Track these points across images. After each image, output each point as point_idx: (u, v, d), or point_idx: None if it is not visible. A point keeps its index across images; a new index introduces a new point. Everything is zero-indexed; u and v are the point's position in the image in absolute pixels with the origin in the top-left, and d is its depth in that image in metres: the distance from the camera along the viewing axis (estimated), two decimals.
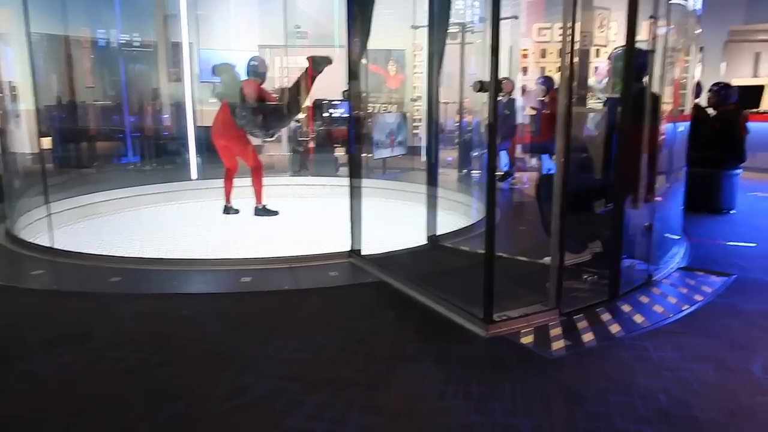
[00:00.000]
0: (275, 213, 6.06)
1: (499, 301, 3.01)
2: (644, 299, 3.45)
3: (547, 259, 3.82)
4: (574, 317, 3.14)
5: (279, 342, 2.83)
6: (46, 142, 7.39)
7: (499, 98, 4.88)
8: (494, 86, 2.89)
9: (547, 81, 7.35)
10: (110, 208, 6.16)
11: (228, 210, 6.10)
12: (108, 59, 8.56)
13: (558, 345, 2.81)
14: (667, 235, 4.75)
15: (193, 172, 7.65)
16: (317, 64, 6.06)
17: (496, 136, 3.11)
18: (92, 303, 3.37)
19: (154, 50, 9.08)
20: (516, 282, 3.70)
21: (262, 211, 6.03)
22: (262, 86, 5.95)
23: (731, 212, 5.93)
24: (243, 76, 5.97)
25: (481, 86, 2.91)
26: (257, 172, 6.00)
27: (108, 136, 8.52)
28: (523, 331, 2.96)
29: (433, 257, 4.47)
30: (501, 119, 6.91)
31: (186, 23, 7.87)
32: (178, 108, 7.78)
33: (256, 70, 5.93)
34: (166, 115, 8.67)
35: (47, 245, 4.56)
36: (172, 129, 8.52)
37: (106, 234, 5.26)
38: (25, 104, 6.48)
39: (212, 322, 3.10)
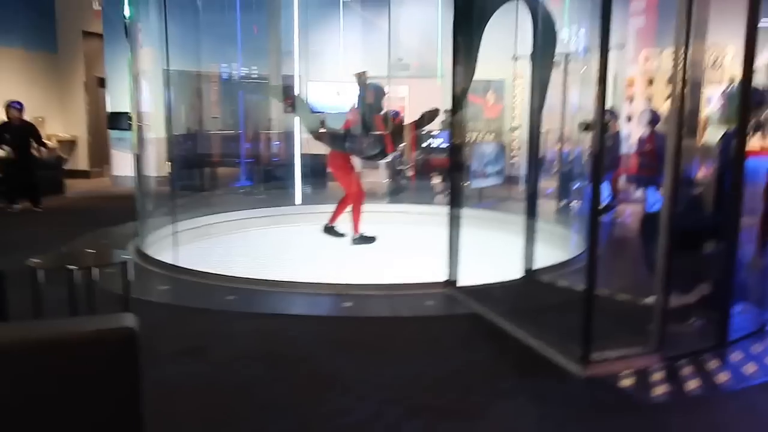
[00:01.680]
0: (372, 240, 6.26)
1: (598, 340, 2.98)
2: (756, 348, 3.27)
3: (649, 300, 3.73)
4: (678, 363, 3.04)
5: (378, 367, 2.98)
6: (168, 167, 8.09)
7: None
8: (600, 118, 2.91)
9: (652, 114, 7.12)
10: (224, 229, 6.66)
11: (330, 231, 6.32)
12: (229, 92, 9.34)
13: (659, 391, 2.75)
14: None
15: (298, 198, 8.09)
16: (424, 120, 6.34)
17: (601, 173, 3.11)
18: (210, 319, 3.71)
19: (268, 83, 9.77)
20: (616, 321, 3.62)
21: (359, 240, 6.22)
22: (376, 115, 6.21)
23: None
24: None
25: (586, 127, 2.95)
26: (357, 201, 6.23)
27: (226, 162, 9.24)
28: (622, 373, 2.92)
29: (530, 291, 4.47)
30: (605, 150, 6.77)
31: (298, 58, 8.42)
32: (288, 137, 8.30)
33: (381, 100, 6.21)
34: (277, 143, 9.25)
35: (171, 262, 5.03)
36: (282, 156, 9.08)
37: (220, 253, 5.69)
38: (156, 133, 7.16)
39: (317, 343, 3.31)
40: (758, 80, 3.86)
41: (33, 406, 1.50)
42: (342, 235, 6.25)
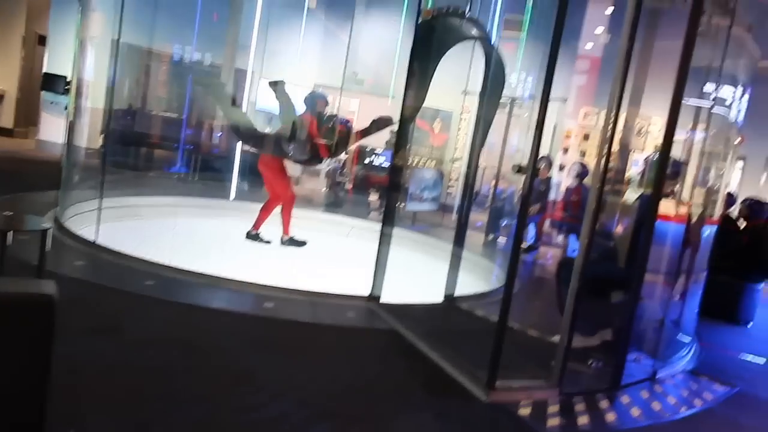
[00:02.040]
0: (303, 244, 6.27)
1: (505, 370, 3.15)
2: (645, 394, 3.54)
3: (556, 338, 3.96)
4: (573, 399, 3.25)
5: (293, 369, 3.01)
6: (101, 140, 7.81)
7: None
8: (533, 160, 3.11)
9: (582, 168, 7.57)
10: (151, 213, 6.48)
11: (255, 237, 6.20)
12: (178, 74, 9.13)
13: (553, 422, 2.93)
14: (679, 335, 4.84)
15: (232, 192, 7.99)
16: (373, 128, 6.39)
17: (527, 212, 3.31)
18: (127, 300, 3.62)
19: (219, 72, 9.63)
20: (523, 355, 3.82)
21: (289, 242, 6.24)
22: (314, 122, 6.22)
23: (748, 325, 5.97)
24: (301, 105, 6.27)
25: (519, 169, 3.14)
26: (288, 204, 6.21)
27: (164, 145, 8.99)
28: (522, 402, 3.09)
29: (448, 316, 4.63)
30: (534, 194, 7.12)
31: (253, 53, 8.38)
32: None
33: (315, 107, 6.18)
34: (220, 134, 9.10)
35: (91, 239, 4.85)
36: (222, 148, 8.95)
37: (144, 236, 5.53)
38: (93, 103, 6.90)
39: (234, 339, 3.30)
40: (676, 152, 4.22)
41: None
42: (267, 242, 6.18)
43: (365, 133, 6.47)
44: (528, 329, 4.35)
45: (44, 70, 10.59)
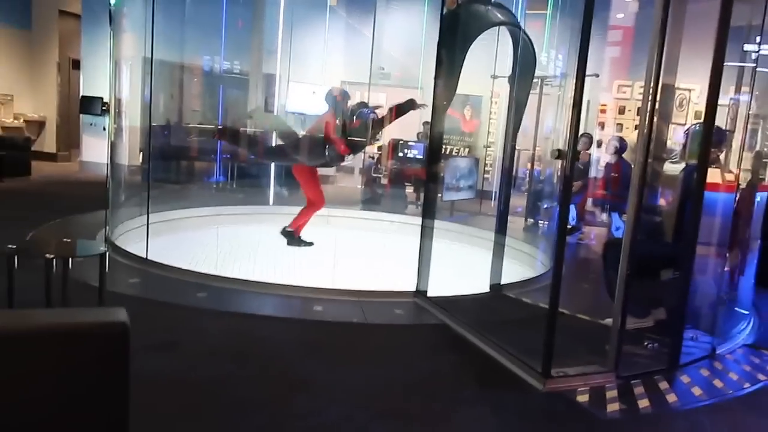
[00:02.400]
0: (310, 244, 6.22)
1: (558, 357, 3.13)
2: (705, 372, 3.47)
3: (608, 321, 3.90)
4: (632, 382, 3.21)
5: (348, 371, 3.06)
6: (140, 157, 7.99)
7: None
8: (573, 142, 3.05)
9: (620, 142, 7.40)
10: (196, 224, 6.63)
11: (298, 242, 6.22)
12: (210, 85, 9.29)
13: (613, 407, 2.90)
14: (735, 308, 4.71)
15: (271, 198, 8.12)
16: (404, 109, 6.32)
17: (570, 196, 3.25)
18: (181, 315, 3.73)
19: (248, 78, 9.76)
20: (576, 340, 3.78)
21: (292, 237, 6.18)
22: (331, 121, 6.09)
23: None
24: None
25: (558, 154, 3.09)
26: (312, 207, 6.19)
27: (202, 157, 9.19)
28: (579, 389, 3.06)
29: (496, 306, 4.61)
30: (574, 172, 7.00)
31: (280, 57, 8.46)
32: (266, 135, 8.30)
33: (336, 103, 6.11)
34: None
35: (141, 255, 5.00)
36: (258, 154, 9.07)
37: (191, 248, 5.67)
38: (132, 122, 7.09)
39: (288, 345, 3.37)
40: (719, 119, 4.08)
41: (24, 397, 1.53)
42: (310, 243, 6.23)
43: (398, 113, 6.36)
44: (578, 313, 4.30)
45: (81, 93, 10.91)
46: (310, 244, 6.24)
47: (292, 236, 6.23)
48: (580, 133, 5.16)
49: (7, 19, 11.29)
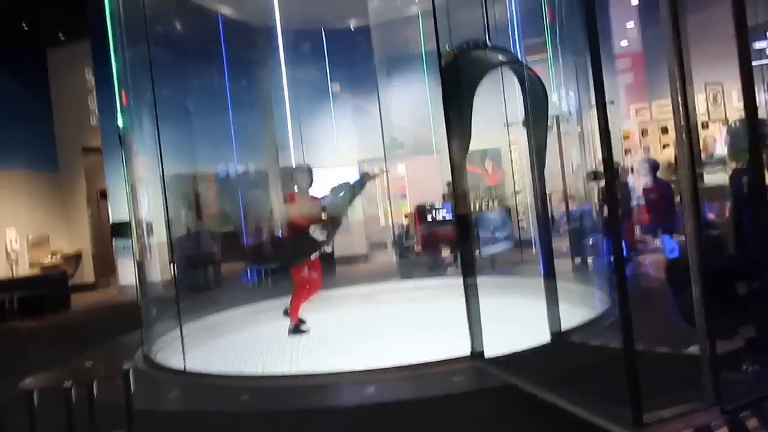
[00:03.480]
0: (304, 332, 5.84)
1: (648, 399, 2.73)
2: None
3: (692, 349, 3.48)
4: (741, 415, 2.76)
5: None
6: (170, 270, 7.96)
7: None
8: (610, 165, 2.80)
9: (651, 162, 7.13)
10: (233, 327, 6.44)
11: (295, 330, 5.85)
12: (227, 189, 9.42)
13: None
14: None
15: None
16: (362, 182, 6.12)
17: (618, 219, 2.96)
18: (227, 421, 3.45)
19: (266, 175, 9.88)
20: (661, 376, 3.36)
21: (294, 330, 5.84)
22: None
23: None
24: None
25: (594, 175, 2.84)
26: (307, 292, 5.88)
27: (230, 258, 9.17)
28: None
29: (562, 355, 4.21)
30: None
31: (293, 149, 8.55)
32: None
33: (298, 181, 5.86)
34: (281, 233, 9.20)
35: (179, 367, 4.78)
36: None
37: (229, 352, 5.45)
38: (158, 237, 7.10)
39: None
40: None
41: None
42: (306, 330, 5.88)
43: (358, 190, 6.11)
44: (655, 347, 3.87)
45: (111, 220, 11.18)
46: (307, 330, 5.88)
47: (295, 329, 5.87)
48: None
49: (36, 164, 11.81)
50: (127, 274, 10.95)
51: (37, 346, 6.72)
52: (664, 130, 9.79)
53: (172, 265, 7.26)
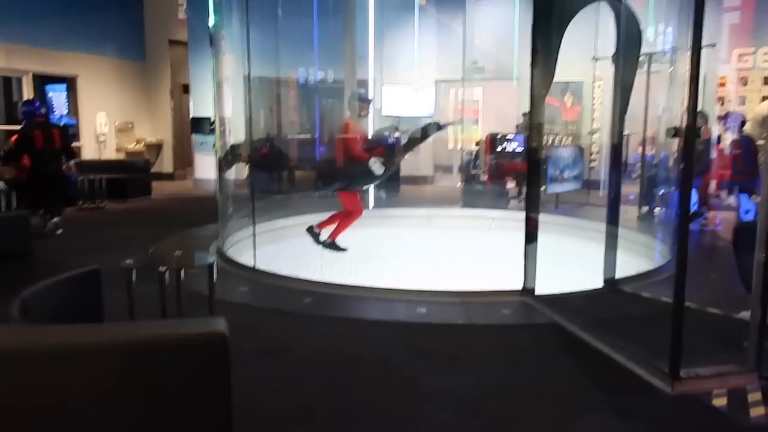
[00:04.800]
0: (343, 250, 5.95)
1: (688, 356, 2.83)
2: None
3: (744, 314, 3.50)
4: None
5: (456, 375, 2.96)
6: (246, 171, 8.32)
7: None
8: (692, 119, 2.75)
9: (734, 115, 6.73)
10: (300, 232, 6.80)
11: (331, 246, 5.97)
12: (306, 97, 9.59)
13: (758, 411, 2.57)
14: None
15: (371, 202, 8.17)
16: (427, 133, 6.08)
17: (692, 176, 2.93)
18: (289, 320, 3.80)
19: (342, 87, 9.94)
20: (706, 337, 3.44)
21: (330, 245, 5.96)
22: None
23: None
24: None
25: (675, 133, 2.81)
26: (350, 216, 5.93)
27: (303, 166, 9.49)
28: (715, 392, 2.75)
29: (612, 302, 4.31)
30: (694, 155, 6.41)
31: (372, 62, 8.52)
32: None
33: (355, 110, 5.82)
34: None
35: (250, 265, 5.19)
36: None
37: (296, 256, 5.81)
38: (236, 137, 7.42)
39: (393, 348, 3.32)
40: None
41: (131, 404, 1.59)
42: (344, 249, 6.00)
43: (407, 148, 6.09)
44: (707, 307, 3.90)
45: (191, 115, 11.65)
46: (345, 249, 5.99)
47: (332, 245, 5.98)
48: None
49: (125, 54, 12.31)
50: (202, 168, 11.56)
51: (122, 228, 7.36)
52: (767, 80, 9.10)
53: (247, 166, 7.63)
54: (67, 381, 1.47)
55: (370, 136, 6.13)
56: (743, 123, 6.62)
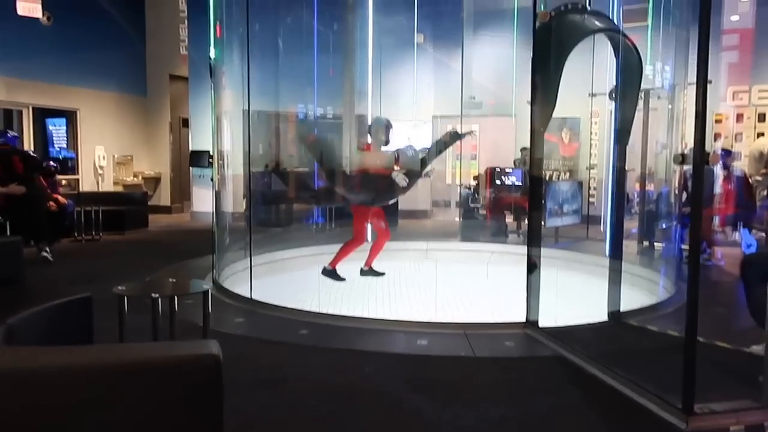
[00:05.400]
0: (380, 274, 6.03)
1: (700, 391, 2.72)
2: None
3: (756, 348, 3.41)
4: None
5: (458, 408, 2.83)
6: (243, 204, 8.29)
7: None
8: (700, 153, 2.72)
9: (724, 153, 6.80)
10: (297, 264, 6.72)
11: (331, 274, 6.03)
12: (305, 131, 9.63)
13: None
14: None
15: (369, 235, 8.09)
16: (447, 142, 6.13)
17: (700, 208, 2.88)
18: (285, 352, 3.68)
19: (341, 122, 10.00)
20: (718, 371, 3.33)
21: (368, 272, 6.06)
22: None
23: None
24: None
25: (682, 159, 2.77)
26: (354, 242, 6.02)
27: (301, 199, 9.47)
28: (732, 428, 2.63)
29: (617, 335, 4.20)
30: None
31: (371, 98, 8.59)
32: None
33: (376, 135, 5.92)
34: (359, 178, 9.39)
35: (246, 295, 5.08)
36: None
37: (293, 287, 5.71)
38: (234, 170, 7.40)
39: (393, 381, 3.20)
40: None
41: (120, 427, 1.48)
42: (342, 279, 6.00)
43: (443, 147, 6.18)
44: (717, 341, 3.80)
45: (190, 148, 11.67)
46: (343, 279, 6.01)
47: (331, 273, 6.04)
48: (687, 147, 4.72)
49: (126, 88, 12.43)
50: (200, 201, 11.52)
51: (117, 259, 7.25)
52: (761, 117, 9.20)
53: (245, 199, 7.58)
54: (50, 402, 1.37)
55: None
56: (729, 157, 6.68)
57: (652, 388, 2.92)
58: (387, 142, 6.00)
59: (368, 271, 6.19)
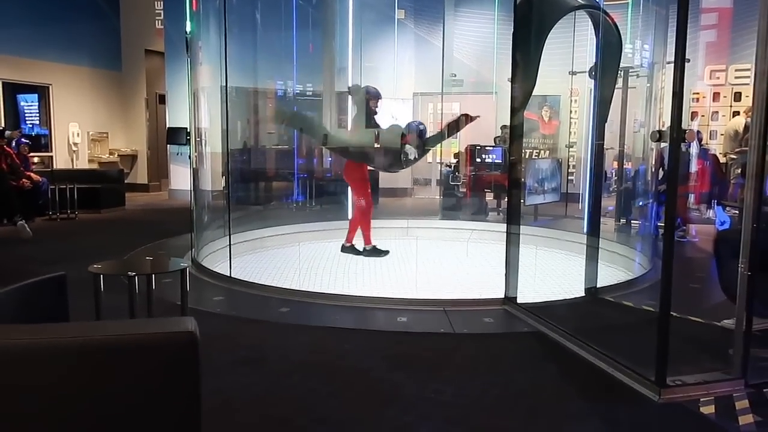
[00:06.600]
0: (386, 253, 6.07)
1: (673, 364, 2.79)
2: None
3: (726, 322, 3.49)
4: (765, 390, 2.80)
5: (438, 384, 2.86)
6: (222, 181, 8.20)
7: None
8: (677, 132, 2.74)
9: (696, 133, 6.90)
10: (277, 242, 6.68)
11: (350, 249, 6.16)
12: (284, 107, 9.50)
13: (746, 419, 2.53)
14: None
15: (349, 213, 8.08)
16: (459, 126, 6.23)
17: (677, 186, 2.91)
18: (265, 330, 3.68)
19: (321, 99, 9.89)
20: (690, 345, 3.41)
21: (371, 251, 6.08)
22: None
23: None
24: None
25: (659, 136, 2.79)
26: (367, 213, 6.09)
27: (280, 177, 9.37)
28: (702, 399, 2.71)
29: (594, 311, 4.27)
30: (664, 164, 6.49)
31: (351, 75, 8.48)
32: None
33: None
34: (330, 158, 9.31)
35: (225, 273, 5.05)
36: (334, 172, 9.13)
37: (272, 265, 5.70)
38: (212, 148, 7.29)
39: (373, 358, 3.22)
40: None
41: (94, 406, 1.47)
42: (386, 252, 6.09)
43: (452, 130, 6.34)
44: (690, 316, 3.88)
45: (167, 125, 11.46)
46: (386, 252, 6.10)
47: (372, 251, 6.09)
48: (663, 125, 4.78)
49: (100, 63, 12.11)
50: (178, 179, 11.36)
51: (94, 238, 7.14)
52: (738, 96, 9.31)
53: (224, 176, 7.48)
54: (21, 381, 1.35)
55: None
56: (697, 137, 6.78)
57: (627, 361, 2.98)
58: (377, 113, 6.04)
59: (349, 248, 6.20)
